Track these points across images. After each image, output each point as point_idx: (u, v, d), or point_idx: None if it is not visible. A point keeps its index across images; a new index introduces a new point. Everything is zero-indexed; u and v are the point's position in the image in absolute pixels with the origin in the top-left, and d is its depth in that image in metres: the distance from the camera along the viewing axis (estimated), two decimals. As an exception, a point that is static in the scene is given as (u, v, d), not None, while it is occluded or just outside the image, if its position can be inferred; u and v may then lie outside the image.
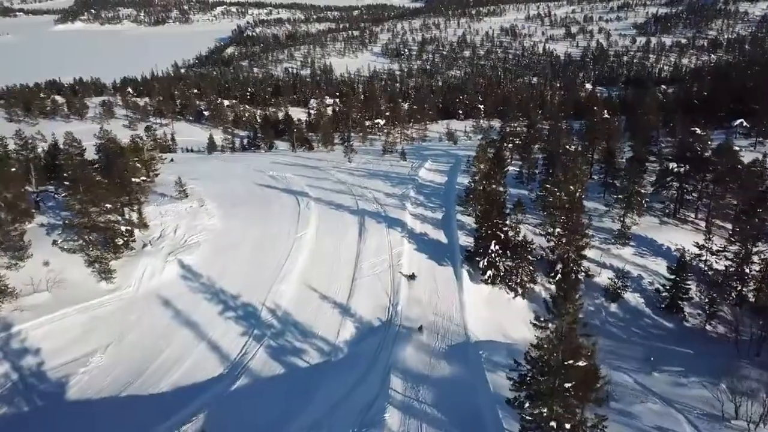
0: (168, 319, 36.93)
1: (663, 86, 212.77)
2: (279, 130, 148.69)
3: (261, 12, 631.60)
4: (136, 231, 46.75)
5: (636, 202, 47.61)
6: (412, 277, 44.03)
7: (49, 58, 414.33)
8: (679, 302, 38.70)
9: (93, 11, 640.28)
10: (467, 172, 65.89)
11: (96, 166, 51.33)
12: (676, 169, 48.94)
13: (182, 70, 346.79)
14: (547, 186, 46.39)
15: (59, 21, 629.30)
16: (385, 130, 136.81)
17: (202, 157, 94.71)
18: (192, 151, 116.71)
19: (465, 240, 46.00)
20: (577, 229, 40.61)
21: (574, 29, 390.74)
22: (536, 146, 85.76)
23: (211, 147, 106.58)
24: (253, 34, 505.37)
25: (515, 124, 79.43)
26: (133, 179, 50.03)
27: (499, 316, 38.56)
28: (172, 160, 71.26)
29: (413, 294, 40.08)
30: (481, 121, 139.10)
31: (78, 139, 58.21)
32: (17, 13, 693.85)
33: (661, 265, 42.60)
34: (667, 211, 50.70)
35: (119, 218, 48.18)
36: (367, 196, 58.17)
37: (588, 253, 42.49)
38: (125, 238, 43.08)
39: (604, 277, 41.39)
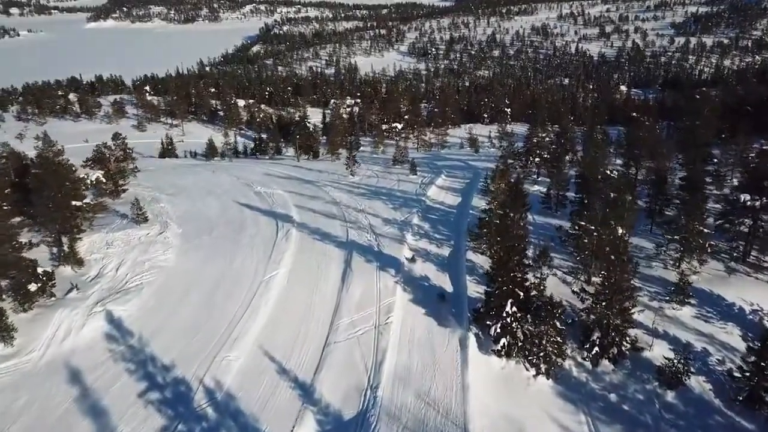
0: (69, 404, 27.79)
1: (704, 89, 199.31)
2: (291, 133, 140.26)
3: (289, 10, 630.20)
4: (68, 269, 38.03)
5: (696, 244, 37.06)
6: (412, 260, 40.48)
7: (78, 55, 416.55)
8: (763, 393, 28.30)
9: (125, 9, 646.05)
10: (485, 192, 55.97)
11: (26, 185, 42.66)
12: (749, 203, 38.13)
13: (207, 68, 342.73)
14: (582, 223, 36.21)
15: (91, 19, 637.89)
16: (403, 135, 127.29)
17: (196, 165, 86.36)
18: (196, 155, 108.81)
19: (475, 290, 36.05)
20: (621, 286, 30.36)
21: (608, 28, 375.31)
22: (567, 158, 75.39)
23: (211, 152, 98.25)
24: (280, 32, 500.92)
25: (543, 135, 69.01)
26: (74, 203, 41.32)
27: (515, 405, 28.56)
28: (138, 170, 62.66)
29: (401, 367, 30.36)
30: (508, 126, 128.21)
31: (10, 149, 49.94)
32: (52, 11, 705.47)
33: (732, 334, 32.10)
34: (735, 254, 39.77)
35: (53, 251, 39.57)
36: (362, 223, 48.49)
37: (635, 314, 32.13)
38: (42, 282, 34.24)
39: (657, 352, 30.95)
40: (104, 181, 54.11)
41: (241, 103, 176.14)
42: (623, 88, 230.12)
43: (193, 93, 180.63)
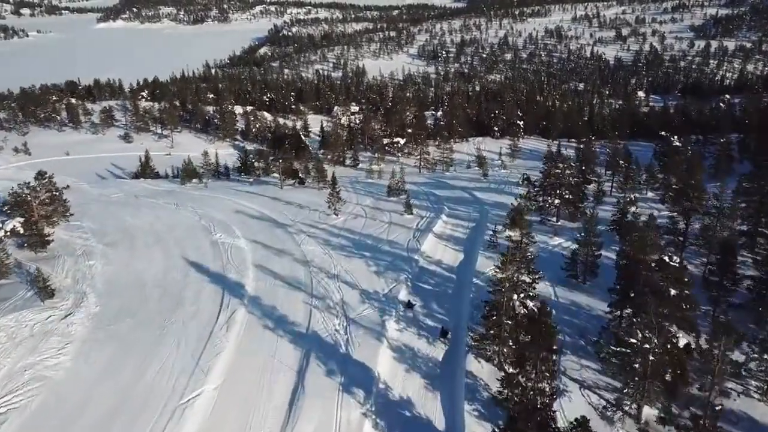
0: None
1: (727, 96, 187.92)
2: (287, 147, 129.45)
3: (300, 11, 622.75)
4: None
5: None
6: (408, 305, 36.25)
7: (85, 56, 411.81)
8: None
9: (134, 10, 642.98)
10: (494, 247, 44.98)
11: None
12: None
13: (213, 71, 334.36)
14: (633, 342, 25.02)
15: (101, 19, 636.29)
16: (405, 151, 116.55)
17: (164, 193, 75.86)
18: (177, 175, 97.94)
19: (475, 431, 25.12)
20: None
21: (624, 31, 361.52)
22: (591, 187, 64.21)
23: (187, 174, 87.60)
24: (289, 33, 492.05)
25: (563, 166, 57.54)
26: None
27: None
28: (71, 214, 52.08)
29: None
30: (520, 140, 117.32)
31: None
32: (63, 12, 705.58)
33: None
34: None
35: None
36: (332, 298, 37.52)
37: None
38: None
39: None
40: (22, 231, 43.76)
41: (239, 110, 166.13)
42: (641, 93, 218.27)
43: (190, 99, 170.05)
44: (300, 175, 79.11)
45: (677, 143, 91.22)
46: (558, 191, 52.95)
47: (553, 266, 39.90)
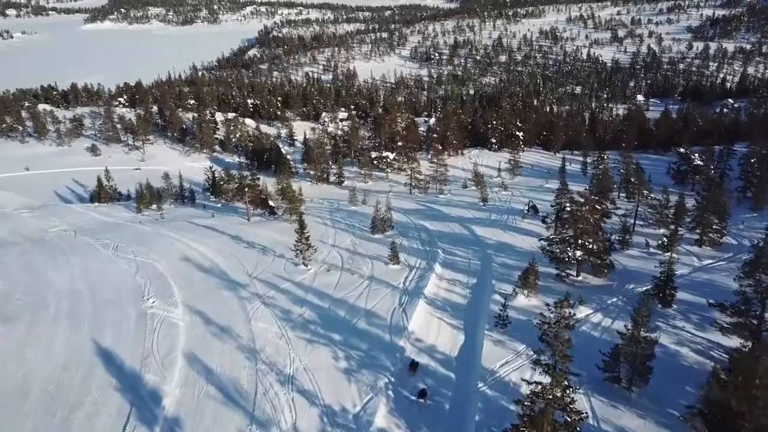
0: None
1: (730, 100, 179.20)
2: (266, 161, 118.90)
3: (291, 12, 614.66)
4: None
5: None
6: (412, 366, 30.84)
7: (69, 59, 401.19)
8: None
9: (123, 10, 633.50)
10: (504, 325, 34.40)
11: None
12: None
13: (201, 73, 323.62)
14: None
15: (88, 20, 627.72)
16: (395, 166, 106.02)
17: (108, 226, 64.89)
18: (143, 194, 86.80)
19: None
20: None
21: (621, 33, 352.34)
22: (611, 219, 53.75)
23: (148, 199, 76.55)
24: (279, 35, 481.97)
25: (582, 202, 46.82)
26: None
27: None
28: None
29: None
30: (520, 154, 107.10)
31: None
32: (50, 12, 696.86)
33: None
34: None
35: None
36: (280, 426, 26.35)
37: None
38: None
39: None
40: None
41: (220, 117, 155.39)
42: (640, 97, 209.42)
43: (169, 105, 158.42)
44: (270, 203, 68.24)
45: (698, 161, 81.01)
46: (579, 240, 42.38)
47: (584, 359, 29.06)
